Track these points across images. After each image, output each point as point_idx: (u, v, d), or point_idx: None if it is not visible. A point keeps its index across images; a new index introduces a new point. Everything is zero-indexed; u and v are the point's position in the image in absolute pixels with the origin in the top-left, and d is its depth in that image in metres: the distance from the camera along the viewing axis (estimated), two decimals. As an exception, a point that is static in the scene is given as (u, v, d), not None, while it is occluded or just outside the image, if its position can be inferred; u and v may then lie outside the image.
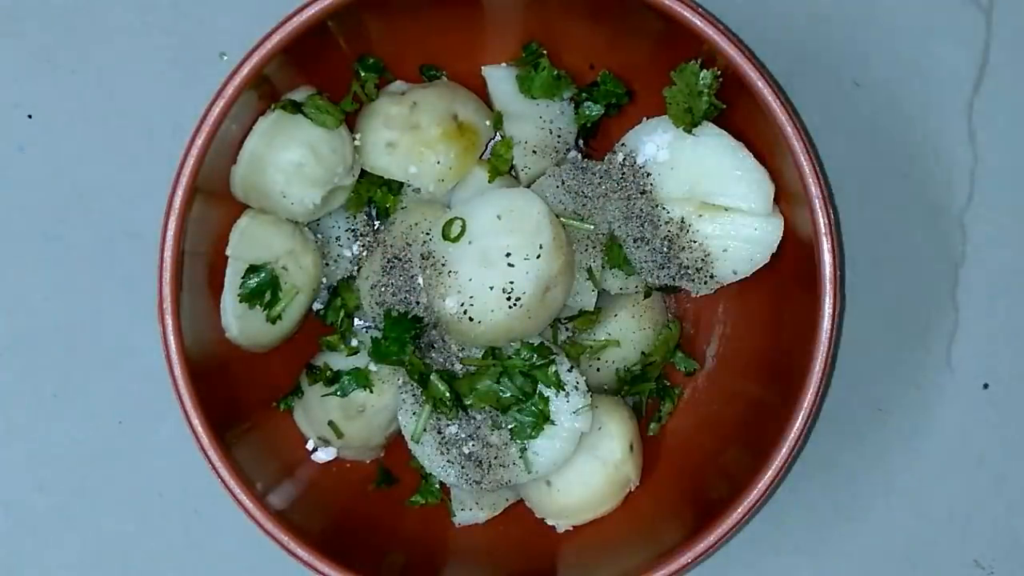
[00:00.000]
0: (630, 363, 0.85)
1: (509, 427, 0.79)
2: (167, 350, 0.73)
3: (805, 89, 0.87)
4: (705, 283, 0.81)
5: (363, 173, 0.83)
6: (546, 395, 0.79)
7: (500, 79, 0.85)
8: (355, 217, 0.84)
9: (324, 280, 0.85)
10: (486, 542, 0.85)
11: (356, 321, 0.86)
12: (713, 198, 0.79)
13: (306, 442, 0.84)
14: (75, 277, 0.88)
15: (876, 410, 0.89)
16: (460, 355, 0.81)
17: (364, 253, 0.84)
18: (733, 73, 0.75)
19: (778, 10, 0.88)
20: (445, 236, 0.78)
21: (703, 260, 0.80)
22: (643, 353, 0.85)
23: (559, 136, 0.85)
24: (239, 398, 0.81)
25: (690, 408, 0.87)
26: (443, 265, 0.78)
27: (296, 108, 0.79)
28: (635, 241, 0.82)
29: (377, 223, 0.85)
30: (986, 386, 0.89)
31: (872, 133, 0.88)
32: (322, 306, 0.86)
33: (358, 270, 0.84)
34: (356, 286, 0.85)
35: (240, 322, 0.79)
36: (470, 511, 0.85)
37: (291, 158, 0.78)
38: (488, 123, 0.85)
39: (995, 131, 0.88)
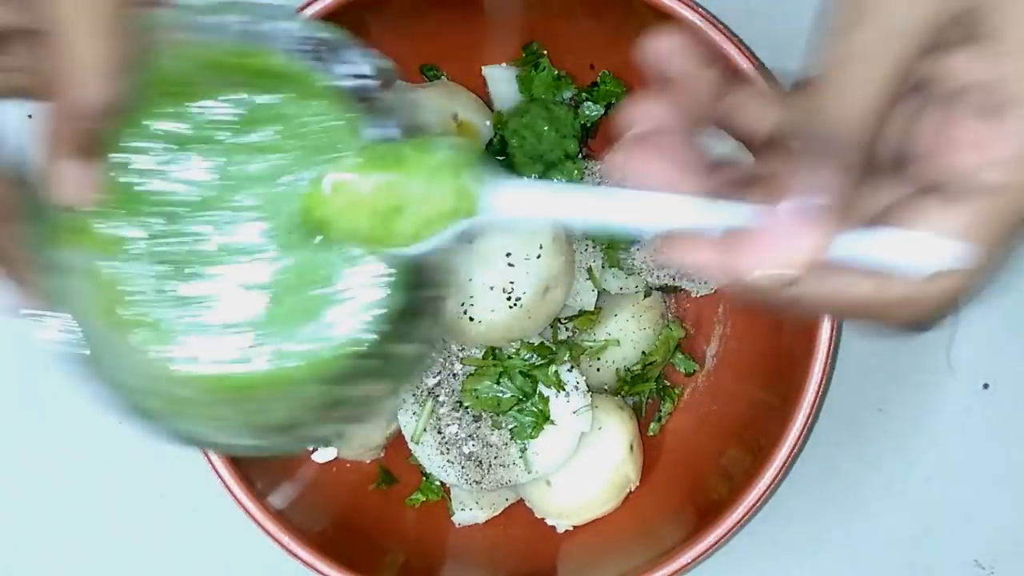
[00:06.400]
0: (630, 363, 0.85)
1: (509, 427, 0.79)
2: (167, 350, 0.73)
3: (805, 89, 0.87)
4: (705, 283, 0.81)
5: (363, 173, 0.83)
6: (546, 395, 0.79)
7: (500, 79, 0.85)
8: (355, 217, 0.84)
9: (324, 279, 0.84)
10: (486, 542, 0.85)
11: (356, 321, 0.86)
12: (713, 198, 0.79)
13: (306, 442, 0.84)
14: (75, 277, 0.88)
15: (876, 410, 0.89)
16: (460, 355, 0.81)
17: (364, 253, 0.84)
18: (733, 73, 0.75)
19: (778, 10, 0.88)
20: (445, 236, 0.78)
21: (703, 260, 0.80)
22: (643, 353, 0.85)
23: (559, 136, 0.85)
24: (239, 398, 0.81)
25: (690, 408, 0.87)
26: (443, 265, 0.78)
27: (296, 108, 0.79)
28: (635, 241, 0.82)
29: (377, 223, 0.85)
30: (986, 386, 0.89)
31: (872, 133, 0.88)
32: (322, 306, 0.86)
33: (358, 270, 0.84)
34: (356, 286, 0.84)
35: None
36: (470, 511, 0.85)
37: (291, 158, 0.78)
38: (488, 123, 0.85)
39: (995, 131, 0.88)
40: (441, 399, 0.81)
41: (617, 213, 0.51)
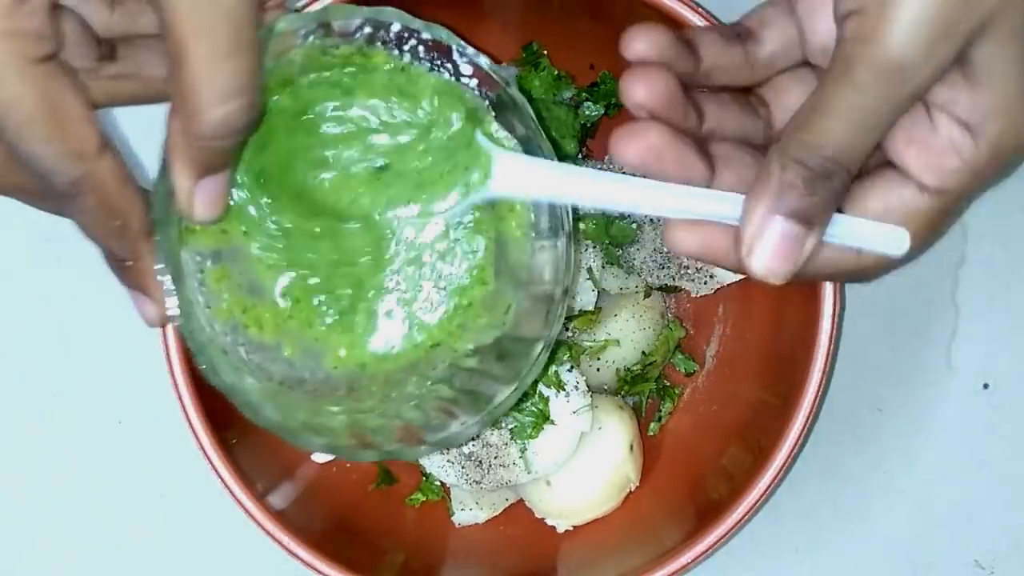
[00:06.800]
0: (630, 363, 0.85)
1: (509, 427, 0.79)
2: (167, 350, 0.73)
3: (805, 89, 0.87)
4: (705, 283, 0.81)
5: (363, 173, 0.83)
6: (546, 395, 0.79)
7: (500, 79, 0.85)
8: (355, 217, 0.84)
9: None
10: (486, 542, 0.85)
11: (356, 321, 0.86)
12: (713, 198, 0.79)
13: (306, 442, 0.84)
14: (74, 277, 0.88)
15: (876, 410, 0.89)
16: (460, 355, 0.81)
17: (364, 253, 0.84)
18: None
19: (778, 10, 0.88)
20: (445, 236, 0.78)
21: (703, 260, 0.80)
22: (643, 353, 0.85)
23: (559, 136, 0.85)
24: (239, 398, 0.81)
25: (690, 408, 0.87)
26: (443, 265, 0.78)
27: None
28: (636, 241, 0.81)
29: (377, 223, 0.85)
30: (986, 386, 0.89)
31: (872, 133, 0.88)
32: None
33: (358, 270, 0.84)
34: (356, 286, 0.84)
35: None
36: (470, 511, 0.85)
37: (291, 158, 0.78)
38: (488, 123, 0.85)
39: (995, 131, 0.88)
40: (441, 399, 0.80)
41: (624, 197, 0.53)
